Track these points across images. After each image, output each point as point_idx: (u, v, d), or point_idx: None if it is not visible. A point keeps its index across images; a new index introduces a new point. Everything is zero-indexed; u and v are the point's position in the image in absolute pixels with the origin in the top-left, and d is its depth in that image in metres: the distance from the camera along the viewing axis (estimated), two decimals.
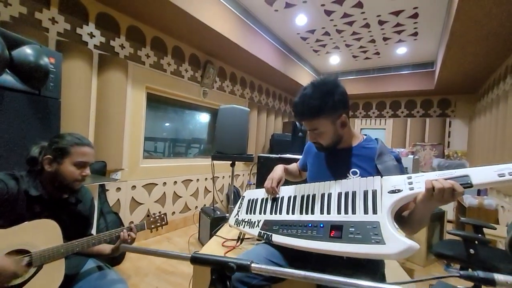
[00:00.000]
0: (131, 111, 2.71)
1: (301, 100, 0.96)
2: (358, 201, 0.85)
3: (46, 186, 1.02)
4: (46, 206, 1.01)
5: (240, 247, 1.18)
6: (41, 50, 1.50)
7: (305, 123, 1.00)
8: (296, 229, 0.93)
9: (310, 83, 0.98)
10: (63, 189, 1.04)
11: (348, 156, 1.01)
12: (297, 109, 0.98)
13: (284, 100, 5.79)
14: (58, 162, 1.00)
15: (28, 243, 0.89)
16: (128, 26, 2.63)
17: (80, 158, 1.03)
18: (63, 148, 1.01)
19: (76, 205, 1.12)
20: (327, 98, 0.92)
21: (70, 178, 1.01)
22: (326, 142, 1.00)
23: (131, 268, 2.25)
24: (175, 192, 3.29)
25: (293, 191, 1.07)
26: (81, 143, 1.05)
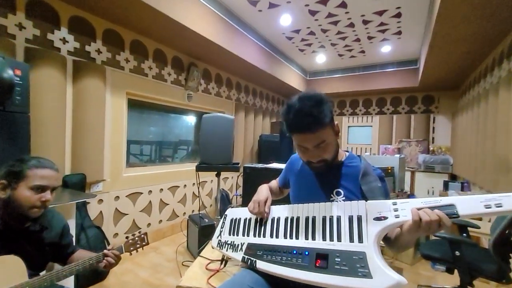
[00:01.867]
0: (111, 118, 2.59)
1: (298, 113, 0.87)
2: (343, 228, 0.82)
3: (2, 215, 0.92)
4: (5, 238, 0.92)
5: (224, 270, 1.13)
6: (4, 62, 1.39)
7: (308, 139, 0.90)
8: (281, 256, 0.89)
9: (295, 99, 0.91)
10: (18, 217, 0.94)
11: (333, 175, 0.98)
12: (299, 125, 0.88)
13: (272, 99, 5.75)
14: (12, 187, 0.91)
15: None
16: (104, 30, 2.49)
17: (38, 181, 0.93)
18: (18, 172, 0.92)
19: (41, 233, 1.02)
20: (323, 106, 0.87)
21: (26, 205, 0.91)
22: (331, 155, 0.94)
23: (117, 284, 2.17)
24: (162, 200, 3.21)
25: (278, 211, 1.03)
26: (40, 165, 0.96)
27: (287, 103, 0.93)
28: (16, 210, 0.92)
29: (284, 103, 6.09)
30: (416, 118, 5.27)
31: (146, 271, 2.40)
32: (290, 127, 0.92)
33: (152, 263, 2.56)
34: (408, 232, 0.72)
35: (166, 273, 2.38)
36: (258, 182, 1.29)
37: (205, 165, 1.94)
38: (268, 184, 1.24)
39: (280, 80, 4.57)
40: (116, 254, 1.10)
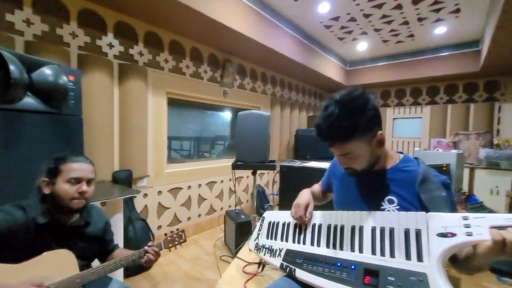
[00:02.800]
0: (153, 118, 2.72)
1: (327, 123, 0.80)
2: (397, 242, 0.71)
3: (52, 211, 0.99)
4: (56, 233, 0.99)
5: (261, 274, 1.10)
6: (60, 69, 1.51)
7: (335, 149, 0.85)
8: (323, 267, 0.82)
9: (333, 100, 0.82)
10: (65, 211, 1.01)
11: (383, 180, 0.86)
12: (323, 133, 0.82)
13: (309, 93, 5.54)
14: (53, 182, 0.98)
15: (43, 276, 0.88)
16: (145, 33, 2.61)
17: (72, 174, 0.99)
18: (54, 168, 0.98)
19: (85, 227, 1.09)
20: (360, 115, 0.77)
21: (66, 197, 0.97)
22: (361, 166, 0.85)
23: (160, 274, 2.30)
24: (200, 195, 3.31)
25: (319, 218, 0.95)
26: (72, 160, 1.02)
27: (325, 102, 0.85)
28: (60, 203, 0.98)
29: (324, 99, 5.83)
30: (476, 107, 4.61)
31: (187, 263, 2.51)
32: (315, 131, 0.85)
33: (192, 255, 2.66)
34: (485, 255, 0.59)
35: (205, 266, 2.45)
36: (295, 181, 1.23)
37: (240, 163, 1.92)
38: (310, 188, 1.16)
39: (317, 72, 4.36)
40: (156, 250, 1.14)
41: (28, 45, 1.88)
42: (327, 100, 0.84)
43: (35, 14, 1.92)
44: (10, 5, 1.82)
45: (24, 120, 1.33)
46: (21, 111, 1.32)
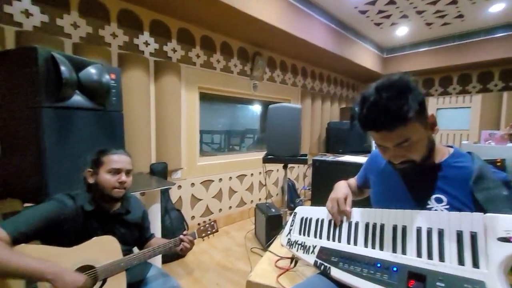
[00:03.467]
0: (186, 112, 2.82)
1: (372, 108, 0.72)
2: (447, 245, 0.65)
3: (97, 200, 1.08)
4: (101, 219, 1.08)
5: (294, 270, 1.08)
6: (103, 68, 1.62)
7: (386, 138, 0.75)
8: (361, 267, 0.78)
9: (371, 90, 0.75)
10: (107, 199, 1.08)
11: (430, 177, 0.78)
12: (371, 120, 0.74)
13: (341, 83, 5.30)
14: (96, 173, 1.06)
15: (92, 259, 0.96)
16: (178, 29, 2.68)
17: (113, 165, 1.07)
18: (96, 160, 1.07)
19: (126, 215, 1.17)
20: (407, 95, 0.69)
21: (108, 187, 1.05)
22: (421, 154, 0.76)
23: (194, 261, 2.41)
24: (231, 187, 3.38)
25: (356, 215, 0.90)
26: (112, 152, 1.10)
27: (361, 93, 0.78)
28: (103, 192, 1.06)
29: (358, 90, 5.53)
30: None
31: (219, 253, 2.59)
32: (363, 125, 0.77)
33: (224, 246, 2.74)
34: None
35: (236, 257, 2.51)
36: (329, 176, 1.18)
37: (271, 156, 1.91)
38: (346, 180, 1.10)
39: (351, 62, 4.14)
40: (190, 239, 1.19)
41: (75, 46, 2.04)
42: (362, 93, 0.77)
43: (81, 17, 2.07)
44: (60, 10, 1.98)
45: (73, 116, 1.46)
46: (71, 108, 1.44)
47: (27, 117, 1.32)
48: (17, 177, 1.40)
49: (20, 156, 1.36)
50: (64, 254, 0.91)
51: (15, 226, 0.84)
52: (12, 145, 1.41)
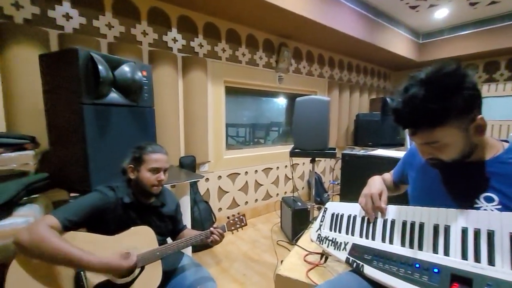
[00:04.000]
0: (213, 106, 2.87)
1: (408, 106, 0.68)
2: (499, 247, 0.59)
3: (135, 193, 1.14)
4: (138, 211, 1.14)
5: (324, 265, 1.07)
6: (135, 66, 1.69)
7: (417, 137, 0.72)
8: (397, 266, 0.74)
9: (416, 79, 0.69)
10: (146, 194, 1.15)
11: (480, 174, 0.71)
12: (404, 119, 0.71)
13: (371, 73, 5.03)
14: (137, 170, 1.12)
15: (131, 247, 1.03)
16: (204, 24, 2.71)
17: (153, 164, 1.12)
18: (138, 157, 1.12)
19: (161, 208, 1.23)
20: (453, 96, 0.63)
21: (148, 184, 1.11)
22: (451, 157, 0.71)
23: (222, 252, 2.49)
24: (257, 181, 3.40)
25: (392, 213, 0.86)
26: (153, 151, 1.14)
27: (408, 78, 0.72)
28: (143, 188, 1.12)
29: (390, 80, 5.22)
30: None
31: (246, 245, 2.64)
32: (394, 117, 0.73)
33: (251, 238, 2.79)
34: None
35: (263, 249, 2.55)
36: (359, 171, 1.13)
37: (299, 150, 1.88)
38: (380, 176, 1.05)
39: (382, 49, 3.90)
40: (220, 232, 1.22)
41: (110, 46, 2.15)
42: (407, 80, 0.71)
43: (114, 17, 2.18)
44: (96, 12, 2.09)
45: (110, 112, 1.55)
46: (108, 105, 1.53)
47: (70, 114, 1.42)
48: (63, 169, 1.54)
49: (66, 150, 1.49)
50: (107, 242, 0.99)
51: (65, 215, 0.93)
52: (59, 140, 1.54)
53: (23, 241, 0.82)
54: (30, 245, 0.82)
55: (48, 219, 0.89)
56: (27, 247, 0.82)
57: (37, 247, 0.82)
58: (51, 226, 0.87)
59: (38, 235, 0.83)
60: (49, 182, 1.59)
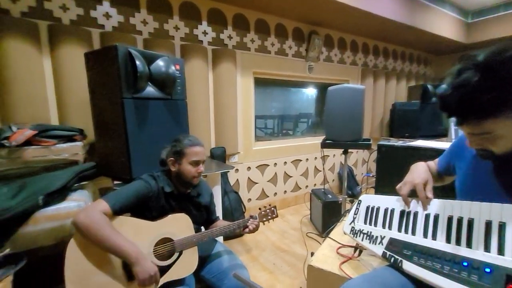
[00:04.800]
0: (242, 97, 2.89)
1: (457, 94, 0.61)
2: None
3: (174, 183, 1.21)
4: (177, 200, 1.21)
5: (358, 259, 1.04)
6: (169, 60, 1.75)
7: (466, 127, 0.66)
8: (441, 264, 0.70)
9: (471, 62, 0.61)
10: (185, 184, 1.22)
11: None
12: (451, 107, 0.65)
13: (410, 58, 4.66)
14: (179, 162, 1.17)
15: (170, 233, 1.09)
16: (233, 16, 2.71)
17: (194, 157, 1.17)
18: (180, 151, 1.17)
19: (197, 198, 1.29)
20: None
21: (189, 176, 1.18)
22: (503, 149, 0.65)
23: (252, 241, 2.54)
24: (286, 172, 3.39)
25: (436, 206, 0.80)
26: (193, 144, 1.19)
27: (460, 64, 0.64)
28: (184, 179, 1.19)
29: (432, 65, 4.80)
30: None
31: (275, 235, 2.67)
32: (439, 104, 0.67)
33: (280, 228, 2.81)
34: None
35: (292, 240, 2.55)
36: (397, 163, 1.07)
37: (330, 141, 1.82)
38: (425, 163, 0.97)
39: (424, 31, 3.57)
40: (256, 224, 1.25)
41: (145, 42, 2.26)
42: (461, 62, 0.64)
43: (149, 14, 2.27)
44: (132, 9, 2.19)
45: (147, 106, 1.63)
46: (146, 99, 1.61)
47: (113, 108, 1.53)
48: (108, 159, 1.67)
49: (110, 141, 1.61)
50: (149, 227, 1.06)
51: (115, 200, 1.01)
52: (104, 132, 1.67)
53: (80, 223, 0.92)
54: (84, 227, 0.92)
55: (101, 204, 0.98)
56: (82, 229, 0.92)
57: (88, 230, 0.92)
58: (103, 211, 0.96)
59: (92, 219, 0.92)
60: (96, 170, 1.74)
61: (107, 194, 1.04)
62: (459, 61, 0.65)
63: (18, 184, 1.40)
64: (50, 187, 1.42)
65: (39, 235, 1.38)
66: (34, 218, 1.34)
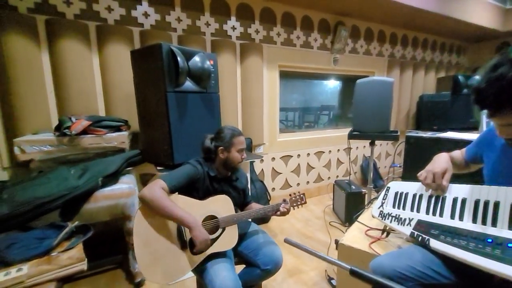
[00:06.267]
0: (268, 90, 2.98)
1: (493, 87, 0.67)
2: None
3: (218, 168, 1.35)
4: (219, 183, 1.35)
5: (386, 240, 1.12)
6: (204, 56, 1.88)
7: (499, 118, 0.72)
8: (467, 241, 0.77)
9: (506, 58, 0.67)
10: (231, 169, 1.37)
11: None
12: (487, 100, 0.70)
13: (441, 48, 4.47)
14: (228, 151, 1.31)
15: (216, 211, 1.24)
16: (261, 10, 2.78)
17: (240, 146, 1.33)
18: (229, 141, 1.31)
19: (236, 181, 1.43)
20: None
21: (236, 161, 1.33)
22: None
23: (277, 227, 2.68)
24: (309, 164, 3.47)
25: (464, 191, 0.87)
26: (238, 134, 1.34)
27: (496, 59, 0.70)
28: (231, 165, 1.34)
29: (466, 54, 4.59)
30: None
31: (299, 223, 2.79)
32: (474, 97, 0.74)
33: (304, 217, 2.92)
34: None
35: (316, 228, 2.66)
36: (425, 155, 1.12)
37: (358, 133, 1.88)
38: (449, 153, 1.05)
39: (458, 20, 3.43)
40: (288, 208, 1.36)
41: (180, 38, 2.40)
42: (497, 57, 0.69)
43: (182, 12, 2.41)
44: (168, 8, 2.34)
45: (187, 98, 1.78)
46: (185, 92, 1.76)
47: (157, 101, 1.69)
48: (152, 147, 1.85)
49: (154, 131, 1.79)
50: (197, 205, 1.22)
51: (171, 180, 1.17)
52: (148, 122, 1.85)
53: (145, 197, 1.09)
54: (150, 200, 1.09)
55: (160, 183, 1.14)
56: (149, 201, 1.09)
57: (154, 202, 1.09)
58: (163, 188, 1.12)
59: (155, 193, 1.09)
60: (141, 157, 1.94)
61: (163, 175, 1.20)
62: (496, 52, 0.71)
63: (81, 167, 1.62)
64: (107, 170, 1.63)
65: (98, 211, 1.61)
66: (94, 196, 1.56)
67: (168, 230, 1.15)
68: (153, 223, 1.13)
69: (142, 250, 1.09)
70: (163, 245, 1.13)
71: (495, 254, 0.69)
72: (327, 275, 1.91)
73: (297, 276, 1.95)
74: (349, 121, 3.99)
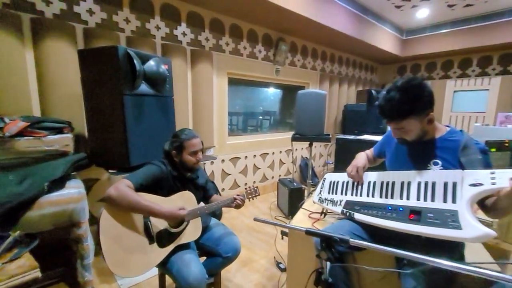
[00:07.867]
0: (217, 95, 3.13)
1: (388, 105, 1.02)
2: (437, 191, 0.95)
3: (178, 169, 1.44)
4: (182, 182, 1.45)
5: (324, 219, 1.43)
6: (159, 60, 1.93)
7: (391, 124, 1.07)
8: (377, 211, 1.11)
9: (395, 85, 1.02)
10: (188, 171, 1.46)
11: (431, 148, 1.08)
12: (385, 113, 1.05)
13: (359, 66, 5.40)
14: (180, 154, 1.40)
15: (181, 206, 1.34)
16: (210, 20, 2.93)
17: (192, 149, 1.40)
18: (180, 145, 1.39)
19: (196, 179, 1.54)
20: (416, 102, 0.98)
21: (190, 164, 1.41)
22: (411, 138, 1.07)
23: (229, 224, 2.80)
24: (255, 164, 3.75)
25: (374, 176, 1.22)
26: (190, 138, 1.41)
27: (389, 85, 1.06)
28: (187, 167, 1.43)
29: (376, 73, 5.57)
30: None
31: (248, 219, 3.01)
32: (378, 111, 1.09)
33: (252, 213, 3.15)
34: (505, 197, 0.81)
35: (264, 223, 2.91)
36: (350, 152, 1.48)
37: (299, 136, 2.21)
38: (365, 152, 1.41)
39: (369, 45, 4.25)
40: (242, 199, 1.54)
41: (128, 40, 2.36)
42: (390, 84, 1.05)
43: (131, 13, 2.37)
44: (115, 7, 2.28)
45: (142, 102, 1.80)
46: (141, 95, 1.78)
47: (112, 103, 1.67)
48: (103, 150, 1.79)
49: (107, 133, 1.74)
50: (164, 201, 1.30)
51: (136, 179, 1.22)
52: (97, 125, 1.79)
53: (113, 195, 1.12)
54: (117, 198, 1.12)
55: (125, 181, 1.18)
56: (116, 199, 1.12)
57: (122, 199, 1.12)
58: (128, 186, 1.17)
59: (122, 191, 1.13)
60: (88, 161, 1.85)
61: (127, 175, 1.24)
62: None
63: (20, 173, 1.48)
64: (52, 175, 1.53)
65: (41, 220, 1.49)
66: (38, 203, 1.45)
67: (135, 226, 1.20)
68: (120, 220, 1.16)
69: (111, 248, 1.11)
70: (133, 240, 1.17)
71: (392, 216, 1.03)
72: (275, 261, 2.17)
73: (250, 265, 2.15)
74: (288, 126, 4.46)
